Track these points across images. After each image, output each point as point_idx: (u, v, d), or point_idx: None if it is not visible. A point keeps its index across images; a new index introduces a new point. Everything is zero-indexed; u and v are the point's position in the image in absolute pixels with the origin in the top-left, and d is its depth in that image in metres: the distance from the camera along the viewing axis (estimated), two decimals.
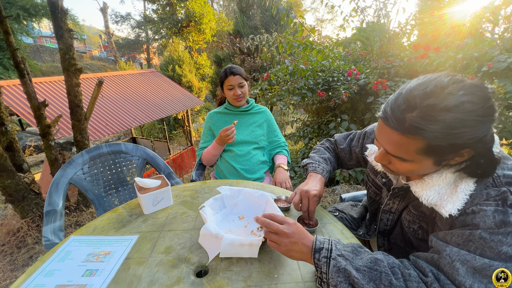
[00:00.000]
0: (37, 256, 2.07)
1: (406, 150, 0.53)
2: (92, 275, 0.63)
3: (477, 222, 0.48)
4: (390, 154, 0.57)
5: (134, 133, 7.53)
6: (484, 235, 0.47)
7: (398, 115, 0.52)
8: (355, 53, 2.76)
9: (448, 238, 0.52)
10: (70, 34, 2.22)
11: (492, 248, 0.46)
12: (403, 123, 0.51)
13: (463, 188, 0.53)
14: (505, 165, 0.53)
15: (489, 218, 0.47)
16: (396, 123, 0.52)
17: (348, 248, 0.56)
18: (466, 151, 0.51)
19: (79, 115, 2.45)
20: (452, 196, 0.53)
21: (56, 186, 1.08)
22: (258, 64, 5.45)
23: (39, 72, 12.70)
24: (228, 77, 1.37)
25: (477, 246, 0.47)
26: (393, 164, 0.60)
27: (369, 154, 0.80)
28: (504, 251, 0.45)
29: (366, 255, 0.54)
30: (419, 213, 0.65)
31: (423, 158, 0.53)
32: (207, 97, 11.90)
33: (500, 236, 0.46)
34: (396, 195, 0.72)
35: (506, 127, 1.47)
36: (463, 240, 0.49)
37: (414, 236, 0.68)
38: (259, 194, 0.87)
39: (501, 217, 0.46)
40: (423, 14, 2.18)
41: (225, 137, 1.28)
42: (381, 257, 0.52)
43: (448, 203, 0.53)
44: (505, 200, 0.47)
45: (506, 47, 1.45)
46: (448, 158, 0.53)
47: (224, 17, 15.29)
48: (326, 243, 0.56)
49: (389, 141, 0.56)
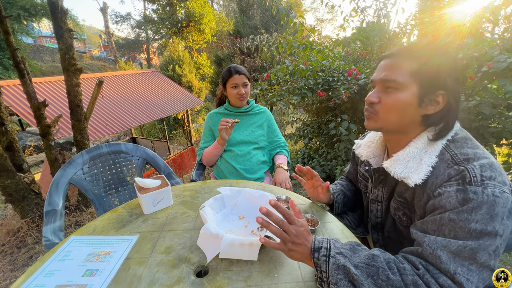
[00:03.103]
0: (37, 256, 2.07)
1: (400, 70, 0.61)
2: (92, 275, 0.63)
3: (444, 204, 0.53)
4: (385, 80, 0.63)
5: (134, 133, 7.53)
6: (452, 217, 0.51)
7: (399, 47, 0.65)
8: (355, 53, 2.76)
9: (425, 227, 0.56)
10: (70, 34, 2.22)
11: (462, 228, 0.50)
12: (402, 50, 0.63)
13: (427, 161, 0.59)
14: (465, 144, 0.59)
15: (453, 198, 0.52)
16: (396, 51, 0.64)
17: (346, 246, 0.57)
18: (441, 94, 0.59)
19: (79, 115, 2.45)
20: (417, 168, 0.60)
21: (56, 186, 1.08)
22: (258, 64, 5.44)
23: (39, 72, 12.70)
24: (233, 75, 1.37)
25: (450, 229, 0.51)
26: (382, 100, 0.64)
27: (356, 147, 0.87)
28: (473, 228, 0.49)
29: (363, 252, 0.55)
30: (402, 199, 0.68)
31: (412, 83, 0.60)
32: (207, 97, 11.90)
33: (466, 214, 0.50)
34: (378, 180, 0.76)
35: (506, 127, 1.47)
36: (437, 226, 0.53)
37: (400, 224, 0.70)
38: (259, 194, 0.87)
39: (462, 195, 0.51)
40: (423, 14, 2.17)
41: (222, 124, 1.25)
42: (378, 253, 0.54)
43: (414, 174, 0.60)
44: (464, 179, 0.52)
45: (506, 47, 1.45)
46: (428, 96, 0.60)
47: (224, 17, 15.29)
48: (325, 242, 0.57)
49: (387, 67, 0.64)
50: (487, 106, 1.44)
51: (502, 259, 1.64)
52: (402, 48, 0.64)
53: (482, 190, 0.50)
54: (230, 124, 1.25)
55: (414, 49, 0.63)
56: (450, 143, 0.60)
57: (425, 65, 0.60)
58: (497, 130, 1.52)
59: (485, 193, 0.49)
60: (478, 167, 0.52)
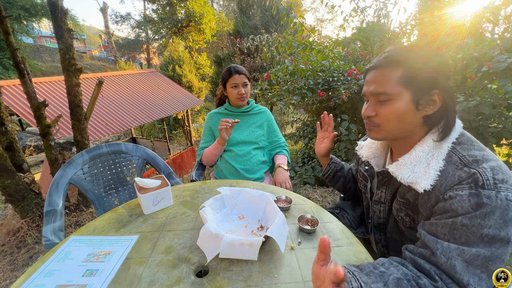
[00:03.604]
0: (37, 256, 2.07)
1: (388, 81, 0.61)
2: (92, 275, 0.63)
3: (456, 208, 0.52)
4: (376, 94, 0.63)
5: (134, 133, 7.53)
6: (465, 222, 0.50)
7: (381, 56, 0.64)
8: (355, 53, 2.76)
9: (434, 230, 0.55)
10: (70, 34, 2.22)
11: (475, 233, 0.49)
12: (384, 58, 0.63)
13: (434, 165, 0.59)
14: (472, 146, 0.58)
15: (465, 202, 0.50)
16: (378, 61, 0.63)
17: (372, 277, 0.51)
18: (436, 93, 0.59)
19: (79, 115, 2.44)
20: (425, 173, 0.59)
21: (56, 186, 1.08)
22: (258, 64, 5.44)
23: (39, 72, 12.69)
24: (233, 75, 1.37)
25: (462, 233, 0.50)
26: (378, 113, 0.64)
27: (359, 148, 0.88)
28: (486, 234, 0.48)
29: (386, 276, 0.51)
30: (405, 200, 0.67)
31: (403, 90, 0.60)
32: (207, 97, 11.90)
33: (479, 219, 0.49)
34: (381, 182, 0.76)
35: (506, 127, 1.47)
36: (448, 229, 0.52)
37: (403, 224, 0.70)
38: (259, 194, 0.87)
39: (476, 200, 0.50)
40: (423, 14, 2.17)
41: (222, 124, 1.25)
42: (397, 274, 0.51)
43: (422, 180, 0.59)
44: (477, 182, 0.51)
45: (506, 47, 1.45)
46: (424, 97, 0.60)
47: (224, 17, 15.28)
48: (353, 281, 0.49)
49: (374, 79, 0.64)
50: (487, 106, 1.45)
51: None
52: (383, 57, 0.63)
53: (495, 194, 0.49)
54: (230, 124, 1.25)
55: (396, 56, 0.61)
56: (456, 145, 0.60)
57: (412, 69, 0.59)
58: (497, 130, 1.52)
59: (499, 197, 0.48)
60: (489, 170, 0.51)
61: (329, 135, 0.96)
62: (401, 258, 0.58)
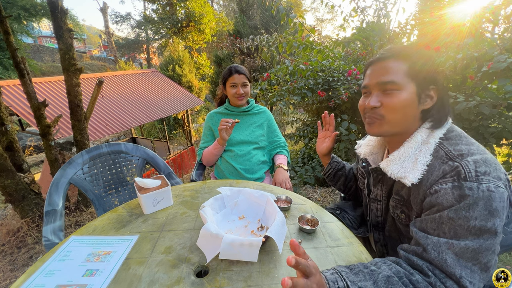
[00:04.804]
0: (37, 256, 2.07)
1: (396, 71, 0.63)
2: (92, 275, 0.63)
3: (441, 201, 0.53)
4: (384, 83, 0.63)
5: (134, 133, 7.53)
6: (451, 215, 0.51)
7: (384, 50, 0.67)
8: (355, 53, 2.76)
9: (424, 226, 0.56)
10: (70, 34, 2.22)
11: (462, 226, 0.50)
12: (390, 52, 0.65)
13: (421, 160, 0.61)
14: (459, 141, 0.60)
15: (449, 195, 0.52)
16: (384, 54, 0.65)
17: (360, 276, 0.52)
18: (433, 89, 0.63)
19: (79, 115, 2.44)
20: (413, 168, 0.61)
21: (56, 186, 1.08)
22: (258, 64, 5.45)
23: (39, 72, 12.68)
24: (233, 75, 1.38)
25: (450, 227, 0.52)
26: (384, 103, 0.64)
27: (358, 147, 0.89)
28: (473, 226, 0.49)
29: (376, 275, 0.52)
30: (400, 197, 0.69)
31: (410, 82, 0.62)
32: (207, 97, 11.90)
33: (463, 211, 0.50)
34: (377, 179, 0.77)
35: (506, 127, 1.47)
36: (436, 224, 0.54)
37: (400, 222, 0.71)
38: (259, 194, 0.87)
39: (459, 192, 0.51)
40: (423, 14, 2.17)
41: (222, 124, 1.25)
42: (388, 272, 0.52)
43: (410, 174, 0.61)
44: (459, 175, 0.53)
45: (506, 47, 1.45)
46: (424, 92, 0.63)
47: (224, 17, 15.28)
48: (339, 280, 0.50)
49: (380, 70, 0.65)
50: (487, 106, 1.44)
51: (502, 259, 1.64)
52: (388, 51, 0.65)
53: (477, 186, 0.50)
54: (230, 124, 1.25)
55: (402, 51, 0.64)
56: (444, 140, 0.61)
57: (417, 63, 0.62)
58: (497, 130, 1.52)
59: (480, 188, 0.50)
60: (472, 163, 0.53)
61: (331, 135, 0.97)
62: (397, 258, 0.59)
